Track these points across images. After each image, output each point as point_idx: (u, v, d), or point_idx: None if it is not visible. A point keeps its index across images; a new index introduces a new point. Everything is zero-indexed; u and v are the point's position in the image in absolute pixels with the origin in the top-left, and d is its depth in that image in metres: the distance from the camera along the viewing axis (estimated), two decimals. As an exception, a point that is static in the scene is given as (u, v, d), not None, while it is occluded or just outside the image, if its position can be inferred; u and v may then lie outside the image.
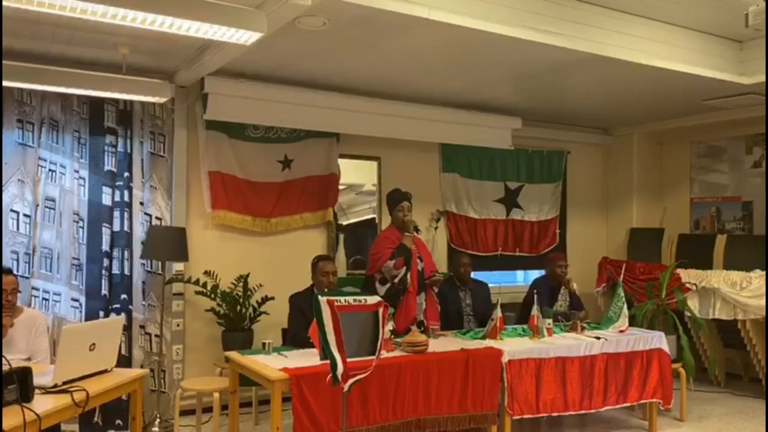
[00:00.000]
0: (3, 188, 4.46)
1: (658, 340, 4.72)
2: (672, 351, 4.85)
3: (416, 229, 4.58)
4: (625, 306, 4.82)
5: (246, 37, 3.23)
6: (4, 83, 4.08)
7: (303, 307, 4.43)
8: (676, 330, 5.21)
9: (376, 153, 6.09)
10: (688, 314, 5.56)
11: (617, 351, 4.50)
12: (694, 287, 5.71)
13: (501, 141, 6.42)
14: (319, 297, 2.96)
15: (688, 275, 5.83)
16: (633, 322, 5.11)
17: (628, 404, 4.60)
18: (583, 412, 4.39)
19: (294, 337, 4.28)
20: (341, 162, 5.83)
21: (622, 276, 5.17)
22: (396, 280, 4.41)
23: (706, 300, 5.69)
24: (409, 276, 4.44)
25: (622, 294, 4.87)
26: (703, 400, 5.64)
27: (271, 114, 5.23)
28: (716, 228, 6.90)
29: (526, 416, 4.11)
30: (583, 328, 4.75)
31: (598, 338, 4.48)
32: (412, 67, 4.84)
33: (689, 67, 4.72)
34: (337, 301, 2.99)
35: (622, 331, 4.72)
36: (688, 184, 7.21)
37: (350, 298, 3.05)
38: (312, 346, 3.66)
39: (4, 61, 3.93)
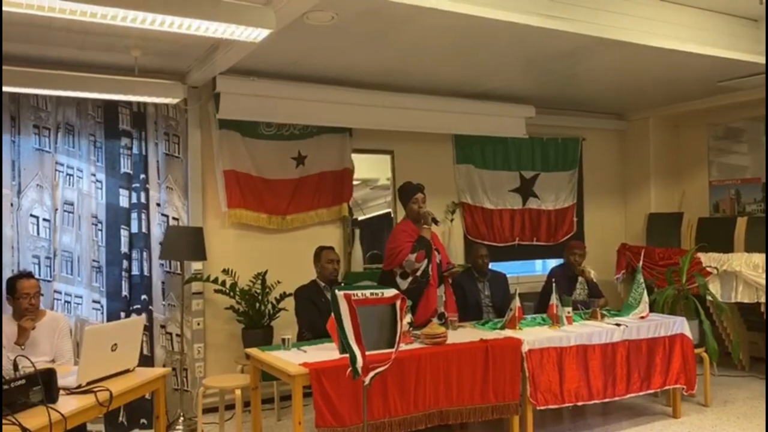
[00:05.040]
0: (22, 193, 4.52)
1: (679, 326, 4.68)
2: (694, 336, 4.81)
3: (434, 221, 4.54)
4: (645, 292, 4.79)
5: (255, 34, 3.24)
6: (20, 90, 4.15)
7: (311, 296, 4.57)
8: (697, 315, 5.15)
9: (390, 147, 6.09)
10: (710, 298, 5.50)
11: (639, 337, 4.47)
12: (715, 271, 5.65)
13: (515, 130, 6.38)
14: (336, 291, 2.98)
15: (708, 259, 5.76)
16: (654, 307, 5.07)
17: (651, 391, 4.56)
18: (607, 400, 4.36)
19: (311, 326, 4.31)
20: (355, 157, 5.83)
21: (641, 262, 5.11)
22: (418, 273, 4.38)
23: (727, 283, 5.63)
24: (430, 268, 4.42)
25: (642, 280, 4.83)
26: (727, 384, 5.58)
27: (284, 111, 5.23)
28: (736, 210, 6.80)
29: (551, 406, 4.10)
30: (603, 316, 4.72)
31: (619, 325, 4.45)
32: (423, 59, 4.82)
33: (703, 48, 4.63)
34: (354, 294, 3.00)
35: (642, 318, 4.68)
36: (706, 166, 7.11)
37: (367, 292, 3.05)
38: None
39: (18, 68, 3.98)
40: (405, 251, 4.40)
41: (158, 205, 5.00)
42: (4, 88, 4.06)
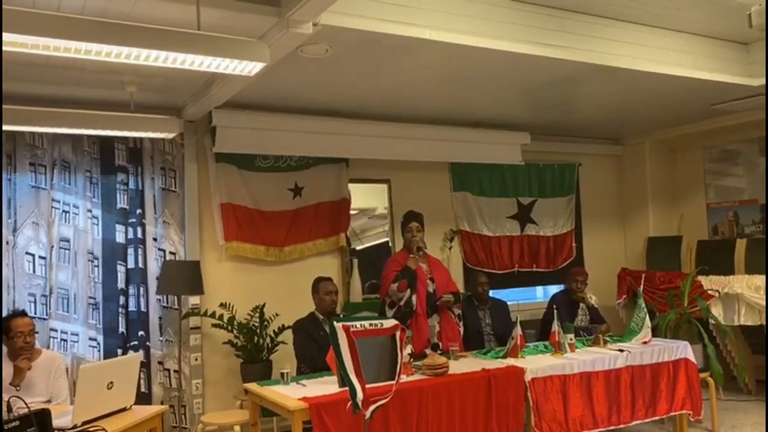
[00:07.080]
0: (17, 231, 4.50)
1: (683, 350, 4.62)
2: (698, 360, 4.74)
3: (418, 249, 4.56)
4: (647, 317, 4.74)
5: (249, 68, 3.24)
6: (16, 128, 4.16)
7: (310, 330, 4.48)
8: (701, 338, 5.10)
9: (386, 176, 6.09)
10: (713, 322, 5.45)
11: (642, 363, 4.41)
12: (716, 294, 5.61)
13: (511, 157, 6.40)
14: (335, 323, 2.94)
15: (709, 282, 5.73)
16: (656, 332, 5.02)
17: (657, 417, 4.49)
18: (612, 427, 4.29)
19: (310, 361, 4.25)
20: (352, 187, 5.82)
21: (641, 286, 5.08)
22: (401, 303, 4.38)
23: (730, 306, 5.58)
24: (414, 298, 4.41)
25: (643, 305, 4.79)
26: (734, 409, 5.50)
27: (280, 143, 5.25)
28: (735, 232, 6.79)
29: (555, 435, 4.03)
30: (605, 342, 4.66)
31: (622, 351, 4.39)
32: (417, 89, 4.85)
33: (695, 72, 4.69)
34: (352, 326, 2.96)
35: (645, 343, 4.63)
36: (703, 189, 7.12)
37: (366, 323, 3.01)
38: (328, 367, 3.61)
39: (14, 107, 3.99)
40: (390, 280, 4.43)
41: (155, 239, 4.98)
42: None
